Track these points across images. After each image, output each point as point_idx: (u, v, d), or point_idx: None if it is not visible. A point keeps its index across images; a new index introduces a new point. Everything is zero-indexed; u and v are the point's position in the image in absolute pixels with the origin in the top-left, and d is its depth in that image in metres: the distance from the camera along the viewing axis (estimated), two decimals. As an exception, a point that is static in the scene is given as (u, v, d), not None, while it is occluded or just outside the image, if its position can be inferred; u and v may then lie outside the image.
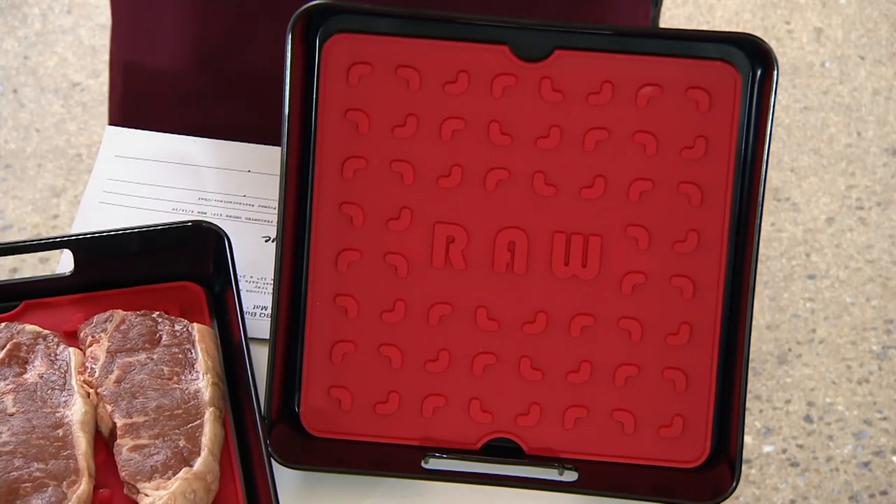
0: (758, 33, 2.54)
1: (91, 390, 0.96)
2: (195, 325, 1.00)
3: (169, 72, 1.22)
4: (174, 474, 0.91)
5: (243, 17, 1.18)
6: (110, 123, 1.23)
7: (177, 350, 0.98)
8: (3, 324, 1.00)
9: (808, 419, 2.10)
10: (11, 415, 0.94)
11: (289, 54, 0.93)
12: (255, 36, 1.19)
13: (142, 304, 1.02)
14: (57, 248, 1.03)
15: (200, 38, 1.20)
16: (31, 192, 2.34)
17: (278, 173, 0.95)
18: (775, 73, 0.93)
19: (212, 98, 1.23)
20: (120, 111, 1.28)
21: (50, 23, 2.63)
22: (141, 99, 1.26)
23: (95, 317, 1.00)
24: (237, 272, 1.01)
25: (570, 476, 0.96)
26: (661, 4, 1.30)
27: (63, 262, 1.07)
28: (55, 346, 0.98)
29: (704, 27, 2.66)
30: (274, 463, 0.93)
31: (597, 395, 0.97)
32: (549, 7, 1.17)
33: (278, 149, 0.95)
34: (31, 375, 0.97)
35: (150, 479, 0.91)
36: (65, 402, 0.95)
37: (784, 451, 2.06)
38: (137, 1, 1.23)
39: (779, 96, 2.47)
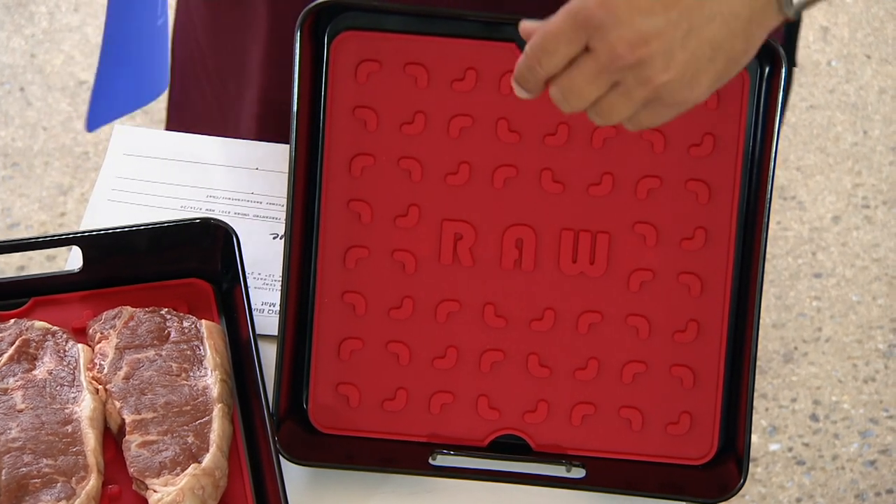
0: (764, 32, 2.53)
1: (100, 386, 0.97)
2: (203, 321, 1.00)
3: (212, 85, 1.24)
4: (183, 470, 0.91)
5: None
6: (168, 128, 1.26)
7: (185, 347, 0.98)
8: (13, 320, 1.00)
9: (814, 418, 2.10)
10: (21, 411, 0.94)
11: (297, 51, 0.93)
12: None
13: (150, 300, 1.02)
14: (66, 245, 1.03)
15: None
16: (38, 190, 2.35)
17: (286, 171, 0.95)
18: (783, 71, 0.93)
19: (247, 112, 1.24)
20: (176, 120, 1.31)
21: (57, 21, 2.63)
22: (194, 109, 1.28)
23: (104, 313, 1.01)
24: (245, 269, 1.01)
25: (578, 473, 0.96)
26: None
27: (72, 259, 1.07)
28: (64, 343, 0.99)
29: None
30: (282, 459, 0.93)
31: (604, 392, 0.97)
32: None
33: (286, 146, 0.95)
34: (40, 372, 0.97)
35: (158, 475, 0.91)
36: (74, 398, 0.95)
37: (790, 449, 2.06)
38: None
39: (785, 95, 2.46)
